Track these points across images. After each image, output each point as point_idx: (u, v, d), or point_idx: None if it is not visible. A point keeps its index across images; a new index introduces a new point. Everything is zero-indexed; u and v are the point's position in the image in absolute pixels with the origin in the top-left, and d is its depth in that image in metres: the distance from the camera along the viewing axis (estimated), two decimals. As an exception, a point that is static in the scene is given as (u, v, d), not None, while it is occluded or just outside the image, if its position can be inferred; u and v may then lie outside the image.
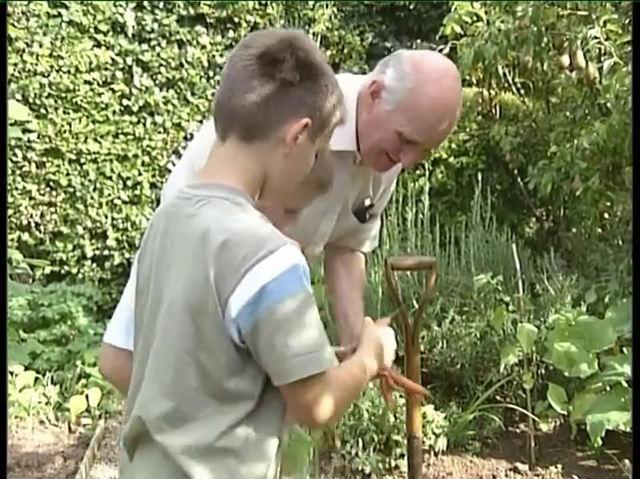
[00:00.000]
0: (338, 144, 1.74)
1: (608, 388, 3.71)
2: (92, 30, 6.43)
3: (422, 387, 2.46)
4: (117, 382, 1.92)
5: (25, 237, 6.26)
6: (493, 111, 5.36)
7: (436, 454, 3.98)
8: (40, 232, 6.31)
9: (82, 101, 6.33)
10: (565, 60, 4.19)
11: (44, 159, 6.29)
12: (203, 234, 1.43)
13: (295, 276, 1.41)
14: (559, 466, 3.84)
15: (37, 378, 4.81)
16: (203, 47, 6.56)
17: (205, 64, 6.47)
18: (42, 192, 6.30)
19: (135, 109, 6.37)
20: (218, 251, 1.40)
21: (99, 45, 6.44)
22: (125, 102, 6.44)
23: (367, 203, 2.40)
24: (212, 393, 1.43)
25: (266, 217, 1.55)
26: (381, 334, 1.82)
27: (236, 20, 6.68)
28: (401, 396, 3.87)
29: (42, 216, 6.32)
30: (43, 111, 6.27)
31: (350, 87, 2.13)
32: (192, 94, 6.43)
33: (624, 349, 3.78)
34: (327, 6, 6.94)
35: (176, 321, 1.45)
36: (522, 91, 5.42)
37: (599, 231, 5.14)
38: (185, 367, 1.44)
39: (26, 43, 6.25)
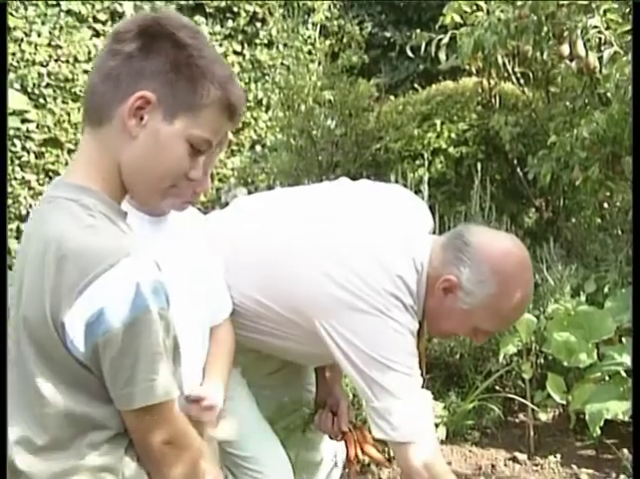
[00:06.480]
0: None
1: (607, 378, 3.72)
2: (90, 19, 6.42)
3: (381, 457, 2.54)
4: None
5: (24, 226, 6.26)
6: (493, 101, 5.34)
7: (435, 444, 3.98)
8: (39, 222, 6.31)
9: (81, 91, 6.31)
10: (565, 49, 4.18)
11: (43, 149, 6.29)
12: (46, 245, 1.29)
13: (136, 294, 1.25)
14: (558, 455, 3.85)
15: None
16: (202, 36, 6.56)
17: (204, 53, 6.46)
18: (41, 182, 6.30)
19: (134, 98, 6.37)
20: (55, 267, 1.27)
21: (97, 34, 6.43)
22: (124, 91, 6.44)
23: None
24: (73, 419, 1.31)
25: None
26: None
27: (235, 9, 6.67)
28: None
29: (41, 206, 6.32)
30: (42, 101, 6.26)
31: (420, 255, 2.09)
32: (191, 83, 6.42)
33: (623, 339, 3.79)
34: (326, -5, 6.92)
35: (22, 340, 1.32)
36: (522, 80, 5.40)
37: (599, 220, 5.13)
38: (36, 392, 1.31)
39: (24, 32, 6.24)
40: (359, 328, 2.02)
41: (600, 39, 4.05)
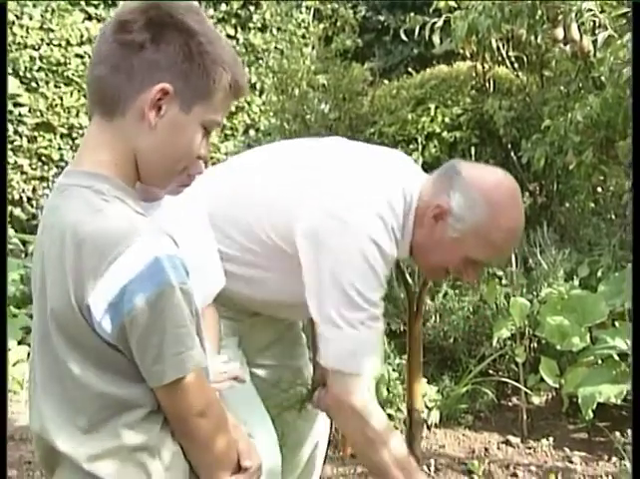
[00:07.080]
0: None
1: (600, 362, 3.73)
2: (83, 2, 6.38)
3: None
4: None
5: (17, 211, 6.24)
6: (487, 85, 5.33)
7: (429, 427, 3.99)
8: (32, 206, 6.29)
9: (73, 74, 6.29)
10: (559, 33, 4.17)
11: (35, 133, 6.26)
12: (62, 233, 1.32)
13: (156, 270, 1.28)
14: (551, 439, 3.87)
15: (30, 353, 4.81)
16: (195, 20, 6.52)
17: (197, 37, 6.42)
18: (34, 166, 6.28)
19: (126, 82, 6.34)
20: (74, 253, 1.30)
21: (90, 18, 6.40)
22: (116, 75, 6.41)
23: None
24: (107, 401, 1.35)
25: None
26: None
27: (229, -7, 6.63)
28: (394, 370, 3.89)
29: (34, 190, 6.30)
30: (34, 84, 6.24)
31: (409, 188, 2.10)
32: (184, 67, 6.39)
33: (616, 323, 3.80)
34: (320, -21, 6.89)
35: (52, 330, 1.35)
36: (516, 64, 5.39)
37: (592, 205, 5.14)
38: (70, 378, 1.34)
39: (16, 15, 6.20)
40: (337, 245, 2.02)
41: (594, 22, 4.04)
